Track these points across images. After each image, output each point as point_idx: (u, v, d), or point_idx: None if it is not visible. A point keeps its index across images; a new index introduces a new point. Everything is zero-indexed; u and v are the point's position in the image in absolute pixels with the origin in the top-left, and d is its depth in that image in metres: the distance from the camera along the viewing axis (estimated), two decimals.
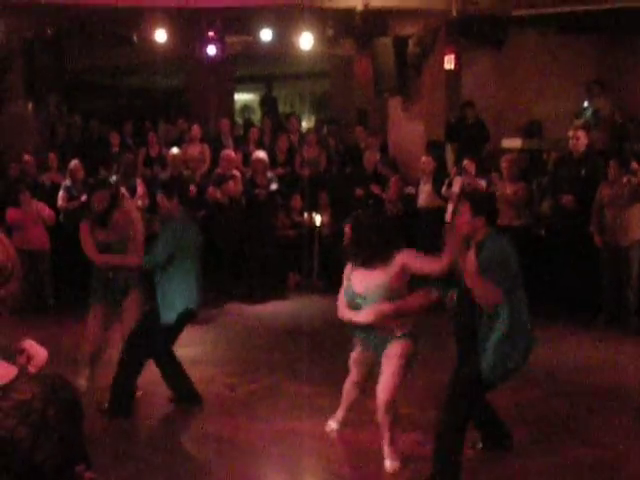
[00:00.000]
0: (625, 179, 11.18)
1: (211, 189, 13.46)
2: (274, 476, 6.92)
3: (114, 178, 13.08)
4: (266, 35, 15.20)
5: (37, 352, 4.21)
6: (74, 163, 13.28)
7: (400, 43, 15.03)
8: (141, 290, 8.37)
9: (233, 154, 14.12)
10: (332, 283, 13.86)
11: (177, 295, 7.85)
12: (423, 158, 13.91)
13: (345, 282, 6.92)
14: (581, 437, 7.31)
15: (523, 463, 6.69)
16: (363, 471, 6.68)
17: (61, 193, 13.19)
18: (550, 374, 9.11)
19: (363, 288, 6.59)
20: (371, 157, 14.82)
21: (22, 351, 3.40)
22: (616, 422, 7.71)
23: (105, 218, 8.31)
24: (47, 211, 12.56)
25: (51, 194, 13.34)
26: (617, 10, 13.85)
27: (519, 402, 7.87)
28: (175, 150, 14.25)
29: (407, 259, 6.47)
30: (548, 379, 8.96)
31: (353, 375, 7.21)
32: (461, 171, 12.91)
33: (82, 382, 8.19)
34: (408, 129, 15.56)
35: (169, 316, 7.80)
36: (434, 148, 14.58)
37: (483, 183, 12.62)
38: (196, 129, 15.35)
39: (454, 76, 15.57)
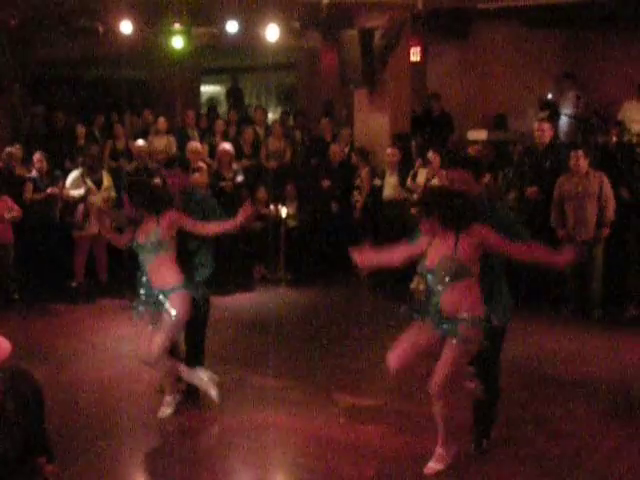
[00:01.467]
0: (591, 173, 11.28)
1: None
2: (242, 469, 6.92)
3: (80, 170, 13.01)
4: (232, 27, 15.16)
5: (0, 345, 4.18)
6: (37, 155, 13.17)
7: (366, 35, 15.04)
8: None
9: (199, 146, 14.09)
10: (298, 275, 13.93)
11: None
12: (388, 150, 13.94)
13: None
14: (546, 428, 7.36)
15: (487, 454, 6.72)
16: (329, 463, 6.69)
17: (27, 185, 13.07)
18: (514, 365, 9.15)
19: (432, 263, 6.19)
20: (338, 149, 14.85)
21: None
22: (581, 413, 7.77)
23: None
24: (14, 207, 12.41)
25: (17, 186, 13.19)
26: (582, 4, 13.94)
27: None
28: (141, 142, 14.19)
29: (486, 235, 6.14)
30: (512, 370, 8.98)
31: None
32: (425, 163, 12.96)
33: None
34: (374, 121, 15.59)
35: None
36: (400, 140, 14.63)
37: None
38: (162, 121, 15.32)
39: (420, 68, 15.64)
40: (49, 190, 12.92)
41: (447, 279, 6.11)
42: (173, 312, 7.45)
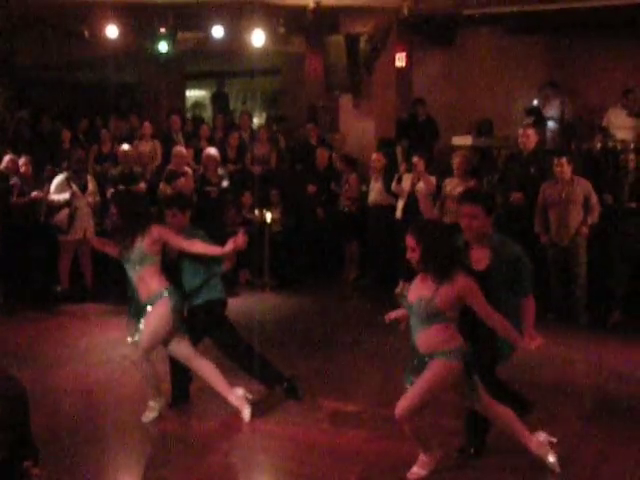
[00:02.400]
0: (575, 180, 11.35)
1: (162, 185, 13.41)
2: (225, 474, 6.91)
3: (64, 174, 12.98)
4: (218, 32, 15.18)
5: None
6: (22, 160, 13.13)
7: (351, 41, 15.09)
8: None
9: (185, 150, 14.09)
10: (282, 280, 13.92)
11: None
12: (373, 155, 13.98)
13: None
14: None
15: (469, 462, 6.73)
16: (313, 468, 6.69)
17: (12, 188, 13.02)
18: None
19: (413, 297, 6.13)
20: (324, 153, 14.86)
21: None
22: (565, 417, 7.79)
23: None
24: None
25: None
26: (566, 10, 13.99)
27: None
28: (126, 146, 14.16)
29: (469, 292, 5.98)
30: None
31: None
32: (410, 168, 13.00)
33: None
34: (359, 126, 15.63)
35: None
36: (385, 145, 14.65)
37: (433, 180, 12.72)
38: (147, 126, 15.30)
39: (405, 74, 15.67)
40: (33, 194, 12.87)
41: (423, 318, 6.04)
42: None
